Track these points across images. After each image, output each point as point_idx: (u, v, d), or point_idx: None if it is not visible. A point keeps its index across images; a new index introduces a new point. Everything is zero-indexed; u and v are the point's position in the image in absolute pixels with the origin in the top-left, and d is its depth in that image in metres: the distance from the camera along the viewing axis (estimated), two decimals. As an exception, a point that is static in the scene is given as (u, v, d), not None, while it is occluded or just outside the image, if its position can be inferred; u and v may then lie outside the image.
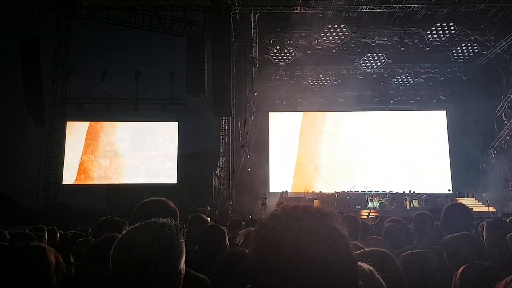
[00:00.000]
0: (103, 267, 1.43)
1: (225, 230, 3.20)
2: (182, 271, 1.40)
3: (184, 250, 1.42)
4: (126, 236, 1.37)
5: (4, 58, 20.82)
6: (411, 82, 22.73)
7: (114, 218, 3.06)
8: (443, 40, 18.95)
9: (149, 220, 1.41)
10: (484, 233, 3.07)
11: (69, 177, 20.72)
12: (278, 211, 0.91)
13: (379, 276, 1.45)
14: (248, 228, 2.59)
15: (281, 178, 22.79)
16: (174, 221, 1.44)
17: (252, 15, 17.97)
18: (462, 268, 1.87)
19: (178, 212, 2.13)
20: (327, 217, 0.89)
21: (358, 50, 20.63)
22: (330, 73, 22.50)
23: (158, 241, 1.34)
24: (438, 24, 18.39)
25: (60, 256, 1.91)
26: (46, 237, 4.24)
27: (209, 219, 6.82)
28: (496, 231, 3.00)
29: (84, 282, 2.06)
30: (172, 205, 2.16)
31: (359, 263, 0.94)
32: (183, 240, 1.43)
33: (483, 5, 17.49)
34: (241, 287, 1.66)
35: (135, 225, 1.41)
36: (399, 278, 2.86)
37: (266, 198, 19.40)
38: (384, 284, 1.64)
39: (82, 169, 21.00)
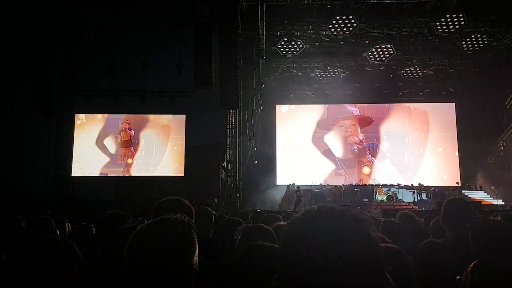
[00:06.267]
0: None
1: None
2: (195, 266, 1.41)
3: (197, 246, 1.43)
4: (140, 232, 1.40)
5: (12, 51, 20.89)
6: (420, 74, 22.53)
7: (118, 212, 3.12)
8: (453, 31, 18.70)
9: (162, 216, 1.43)
10: None
11: (77, 169, 20.91)
12: (313, 209, 0.95)
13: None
14: (246, 224, 2.59)
15: (288, 171, 22.81)
16: (187, 217, 1.45)
17: (259, 7, 17.87)
18: (473, 264, 1.79)
19: (193, 209, 2.19)
20: (362, 222, 0.92)
21: (367, 41, 20.43)
22: (338, 65, 22.35)
23: (171, 237, 1.37)
24: (448, 15, 18.15)
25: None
26: (67, 229, 4.34)
27: (213, 212, 6.89)
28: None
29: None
30: (187, 203, 2.23)
31: None
32: (196, 236, 1.44)
33: (493, -5, 17.27)
34: (263, 279, 1.66)
35: (149, 221, 1.43)
36: (409, 274, 2.85)
37: (301, 191, 18.69)
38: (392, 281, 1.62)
39: (91, 161, 21.18)
